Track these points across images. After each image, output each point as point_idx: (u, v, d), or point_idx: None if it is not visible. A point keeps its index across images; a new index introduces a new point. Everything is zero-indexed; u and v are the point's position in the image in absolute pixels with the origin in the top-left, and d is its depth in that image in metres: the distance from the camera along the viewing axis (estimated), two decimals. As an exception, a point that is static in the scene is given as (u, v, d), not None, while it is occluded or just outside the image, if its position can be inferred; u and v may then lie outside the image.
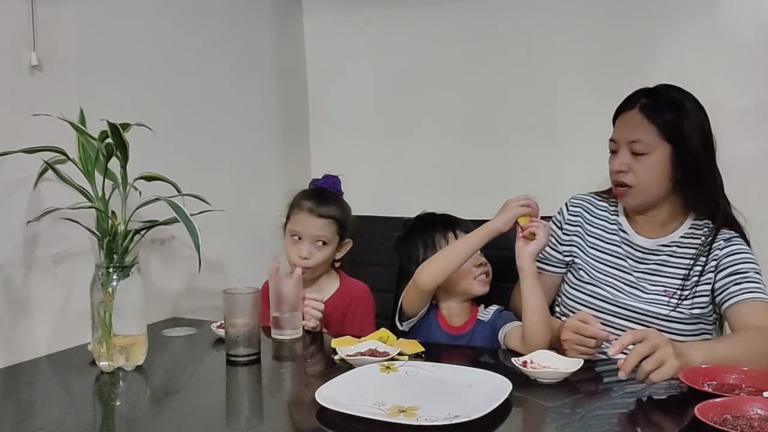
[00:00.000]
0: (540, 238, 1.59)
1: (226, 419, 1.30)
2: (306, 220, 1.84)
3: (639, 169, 1.63)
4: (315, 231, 1.83)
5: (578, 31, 2.19)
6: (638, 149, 1.63)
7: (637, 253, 1.72)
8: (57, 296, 1.67)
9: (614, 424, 1.23)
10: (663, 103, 1.63)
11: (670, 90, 1.67)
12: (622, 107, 1.70)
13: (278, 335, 1.70)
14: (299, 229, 1.84)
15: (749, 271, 1.60)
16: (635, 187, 1.65)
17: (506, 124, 2.31)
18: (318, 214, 1.83)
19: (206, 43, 2.13)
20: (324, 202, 1.85)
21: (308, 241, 1.83)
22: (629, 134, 1.64)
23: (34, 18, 1.59)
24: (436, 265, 1.66)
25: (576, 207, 1.84)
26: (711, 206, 1.67)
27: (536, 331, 1.55)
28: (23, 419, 1.30)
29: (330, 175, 1.94)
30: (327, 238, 1.84)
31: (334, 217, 1.85)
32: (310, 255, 1.83)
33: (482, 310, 1.79)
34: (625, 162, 1.64)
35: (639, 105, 1.64)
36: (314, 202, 1.85)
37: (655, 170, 1.63)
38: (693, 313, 1.64)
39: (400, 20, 2.43)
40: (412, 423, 1.14)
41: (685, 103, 1.64)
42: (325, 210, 1.84)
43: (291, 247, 1.86)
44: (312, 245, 1.83)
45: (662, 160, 1.63)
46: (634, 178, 1.64)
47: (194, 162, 2.06)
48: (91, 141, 1.49)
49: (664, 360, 1.28)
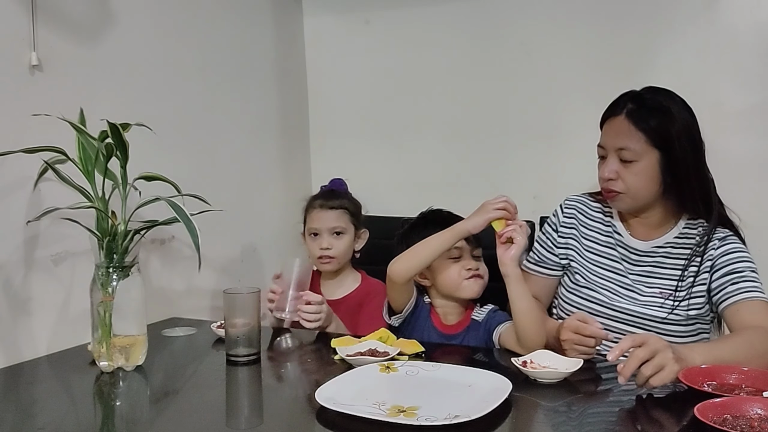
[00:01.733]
0: (519, 242, 1.58)
1: (226, 419, 1.30)
2: (320, 215, 1.97)
3: (627, 176, 1.63)
4: (330, 223, 1.95)
5: (578, 32, 2.19)
6: (626, 156, 1.62)
7: (632, 255, 1.71)
8: (57, 296, 1.67)
9: (614, 424, 1.23)
10: (649, 109, 1.62)
11: (655, 94, 1.65)
12: (608, 112, 1.68)
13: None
14: (315, 225, 1.96)
15: (746, 270, 1.60)
16: (625, 193, 1.64)
17: (506, 124, 2.31)
18: (329, 207, 1.97)
19: (206, 43, 2.13)
20: (334, 197, 2.00)
21: (326, 234, 1.95)
22: (617, 141, 1.63)
23: (34, 18, 1.59)
24: (405, 259, 1.68)
25: (571, 209, 1.83)
26: (703, 207, 1.66)
27: (530, 334, 1.55)
28: (23, 419, 1.30)
29: (336, 178, 2.08)
30: (342, 227, 1.96)
31: (345, 207, 1.98)
32: (330, 245, 1.94)
33: (477, 310, 1.78)
34: (614, 169, 1.63)
35: (626, 111, 1.63)
36: (324, 198, 2.00)
37: (643, 177, 1.62)
38: (690, 315, 1.64)
39: (400, 20, 2.43)
40: (412, 423, 1.14)
41: (671, 107, 1.63)
42: (336, 202, 1.98)
43: (312, 245, 1.98)
44: (330, 237, 1.95)
45: (651, 166, 1.62)
46: (623, 184, 1.64)
47: (194, 162, 2.06)
48: (91, 141, 1.49)
49: (664, 364, 1.27)
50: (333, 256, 1.94)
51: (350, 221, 1.98)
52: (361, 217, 2.03)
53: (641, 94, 1.66)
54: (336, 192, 2.02)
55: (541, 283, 1.83)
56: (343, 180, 2.06)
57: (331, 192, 2.02)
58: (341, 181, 2.06)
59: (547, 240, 1.83)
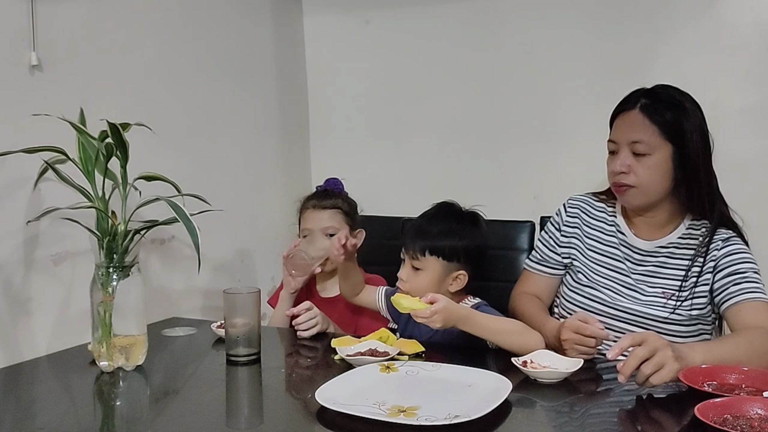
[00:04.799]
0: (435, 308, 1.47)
1: (226, 419, 1.30)
2: (313, 215, 1.93)
3: (640, 169, 1.63)
4: (323, 223, 1.91)
5: (578, 32, 2.19)
6: (640, 149, 1.62)
7: (635, 255, 1.71)
8: (57, 296, 1.67)
9: (614, 424, 1.23)
10: (663, 103, 1.63)
11: (668, 90, 1.67)
12: (620, 108, 1.69)
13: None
14: (309, 225, 1.93)
15: (748, 271, 1.60)
16: (637, 187, 1.64)
17: (506, 124, 2.31)
18: (322, 207, 1.93)
19: (206, 43, 2.13)
20: (327, 196, 1.96)
21: (319, 234, 1.90)
22: (630, 134, 1.63)
23: (34, 18, 1.59)
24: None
25: (574, 208, 1.83)
26: (708, 206, 1.66)
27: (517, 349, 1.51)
28: (23, 419, 1.30)
29: (332, 178, 2.03)
30: (335, 228, 1.90)
31: (338, 206, 1.94)
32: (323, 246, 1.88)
33: (467, 300, 1.73)
34: (627, 163, 1.63)
35: (639, 105, 1.63)
36: (317, 198, 1.96)
37: (656, 170, 1.62)
38: (692, 315, 1.64)
39: (400, 20, 2.43)
40: (412, 423, 1.14)
41: (684, 102, 1.64)
42: (329, 202, 1.94)
43: None
44: (322, 237, 1.89)
45: (663, 160, 1.62)
46: (636, 178, 1.63)
47: (194, 162, 2.06)
48: (91, 141, 1.49)
49: (664, 363, 1.27)
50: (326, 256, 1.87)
51: (344, 221, 1.93)
52: (356, 216, 1.99)
53: (654, 90, 1.66)
54: (330, 192, 1.98)
55: (543, 283, 1.83)
56: (339, 180, 2.02)
57: (325, 192, 1.98)
58: (336, 180, 2.02)
59: (550, 239, 1.83)
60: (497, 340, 1.56)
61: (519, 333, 1.54)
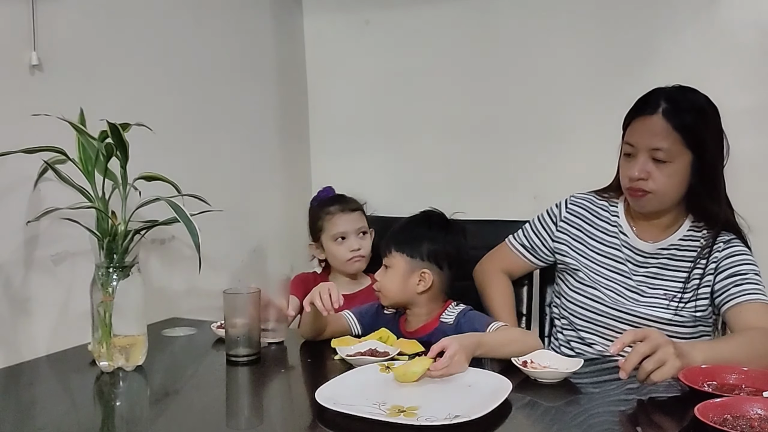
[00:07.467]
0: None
1: (226, 419, 1.30)
2: (344, 218, 2.02)
3: (659, 176, 1.59)
4: (356, 224, 2.03)
5: (578, 31, 2.19)
6: (660, 157, 1.58)
7: (637, 256, 1.71)
8: (57, 296, 1.67)
9: (614, 424, 1.23)
10: (686, 110, 1.59)
11: (688, 94, 1.62)
12: (639, 111, 1.63)
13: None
14: (341, 229, 2.02)
15: (749, 273, 1.59)
16: (654, 194, 1.61)
17: (507, 123, 2.30)
18: (350, 209, 2.04)
19: (206, 43, 2.13)
20: (346, 200, 2.10)
21: (353, 235, 2.01)
22: (652, 141, 1.58)
23: (34, 18, 1.59)
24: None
25: (577, 207, 1.82)
26: (717, 212, 1.64)
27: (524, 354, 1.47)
28: (23, 419, 1.30)
29: (326, 187, 2.17)
30: (366, 227, 2.05)
31: (360, 208, 2.07)
32: (360, 246, 2.01)
33: (450, 308, 1.69)
34: (646, 169, 1.59)
35: (662, 110, 1.58)
36: (339, 204, 2.06)
37: (675, 178, 1.59)
38: (694, 316, 1.63)
39: (400, 20, 2.43)
40: (412, 423, 1.14)
41: (706, 108, 1.61)
42: (353, 204, 2.07)
43: (339, 249, 2.02)
44: (356, 237, 2.02)
45: (683, 167, 1.59)
46: (654, 185, 1.60)
47: (194, 162, 2.06)
48: (91, 141, 1.49)
49: (665, 360, 1.27)
50: (363, 255, 2.01)
51: (366, 221, 2.06)
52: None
53: (674, 94, 1.62)
54: (344, 196, 2.09)
55: (519, 264, 1.85)
56: (332, 187, 2.16)
57: (340, 197, 2.10)
58: (331, 188, 2.15)
59: (544, 231, 1.82)
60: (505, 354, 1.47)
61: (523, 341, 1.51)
